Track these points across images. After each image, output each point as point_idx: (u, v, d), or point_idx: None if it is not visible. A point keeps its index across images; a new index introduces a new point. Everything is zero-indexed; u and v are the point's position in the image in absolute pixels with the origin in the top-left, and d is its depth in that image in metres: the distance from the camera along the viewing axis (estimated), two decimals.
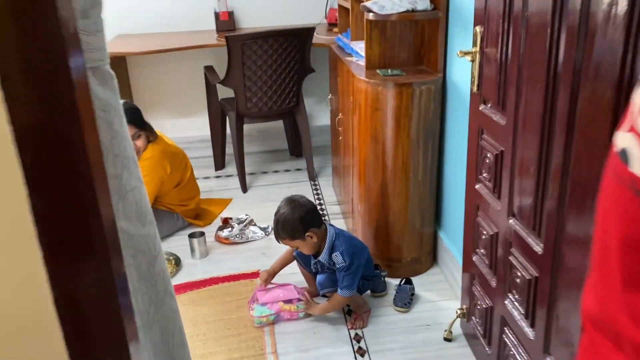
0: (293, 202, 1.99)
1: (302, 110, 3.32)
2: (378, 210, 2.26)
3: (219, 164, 3.64)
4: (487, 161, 1.56)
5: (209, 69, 3.38)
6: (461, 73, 1.99)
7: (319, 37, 3.25)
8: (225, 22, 3.59)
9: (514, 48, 1.35)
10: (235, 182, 3.41)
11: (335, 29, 3.40)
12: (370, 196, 2.27)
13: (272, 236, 2.73)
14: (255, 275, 2.39)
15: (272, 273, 2.19)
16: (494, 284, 1.60)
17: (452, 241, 2.26)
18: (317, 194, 3.23)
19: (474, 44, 1.57)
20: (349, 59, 2.53)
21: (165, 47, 3.20)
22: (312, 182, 3.40)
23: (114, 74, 0.98)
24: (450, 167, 2.21)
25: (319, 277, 2.11)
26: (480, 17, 1.54)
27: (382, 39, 2.23)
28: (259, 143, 4.00)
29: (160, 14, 3.65)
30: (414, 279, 2.29)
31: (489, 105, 1.55)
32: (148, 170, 2.56)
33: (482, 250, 1.68)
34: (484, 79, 1.54)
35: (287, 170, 3.60)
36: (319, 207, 3.03)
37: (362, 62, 2.36)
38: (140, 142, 2.52)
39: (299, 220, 1.95)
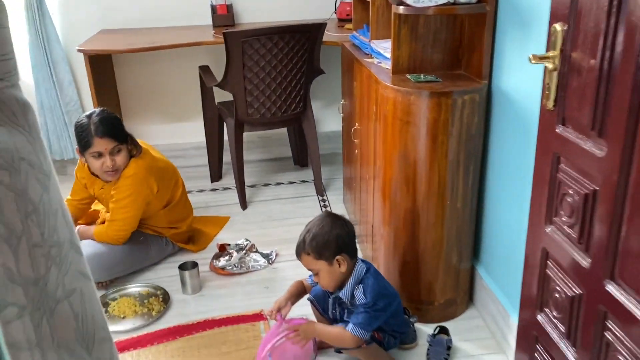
0: (336, 218, 1.65)
1: (310, 117, 2.94)
2: (406, 241, 1.89)
3: (216, 174, 3.26)
4: (569, 200, 1.19)
5: (204, 70, 2.99)
6: (518, 81, 1.61)
7: (329, 35, 2.87)
8: (223, 17, 3.19)
9: (627, 55, 0.97)
10: (233, 196, 3.03)
11: (348, 25, 3.01)
12: (396, 223, 1.89)
13: (277, 265, 2.37)
14: (257, 317, 2.01)
15: (286, 305, 1.75)
16: (573, 358, 1.23)
17: (494, 280, 1.88)
18: None
19: (551, 47, 1.19)
20: (368, 60, 2.15)
21: (156, 44, 2.81)
22: (320, 197, 3.02)
23: (28, 103, 0.59)
24: (493, 194, 1.84)
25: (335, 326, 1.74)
26: (562, 12, 1.16)
27: (412, 38, 1.85)
28: (259, 150, 3.61)
29: (150, 7, 3.25)
30: (448, 324, 1.92)
31: (572, 127, 1.17)
32: (130, 190, 2.17)
33: (553, 312, 1.30)
34: (567, 92, 1.16)
35: (291, 183, 3.22)
36: None
37: (387, 65, 1.98)
38: (120, 159, 2.13)
39: (335, 237, 1.59)
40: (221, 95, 3.17)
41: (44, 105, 3.20)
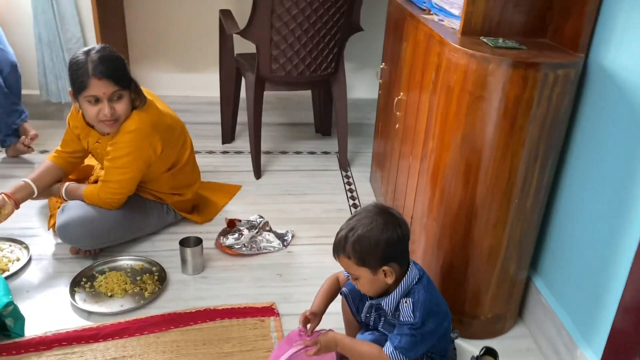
0: (389, 216, 1.30)
1: (341, 80, 2.57)
2: (456, 240, 1.56)
3: (228, 135, 2.92)
4: None
5: (225, 14, 2.61)
6: (632, 57, 1.25)
7: None
8: None
9: None
10: (246, 161, 2.69)
11: None
12: (446, 218, 1.56)
13: (292, 248, 2.05)
14: (268, 311, 1.70)
15: (318, 314, 1.45)
16: None
17: (558, 299, 1.56)
18: (350, 190, 2.52)
19: None
20: (426, 16, 1.78)
21: None
22: (344, 172, 2.68)
23: None
24: (572, 197, 1.50)
25: (366, 335, 1.43)
26: None
27: None
28: (277, 112, 3.25)
29: None
30: (493, 342, 1.61)
31: None
32: (130, 148, 1.83)
33: None
34: None
35: (311, 153, 2.88)
36: (353, 209, 2.33)
37: (452, 24, 1.61)
38: (120, 107, 1.78)
39: (384, 243, 1.26)
40: (242, 46, 2.79)
41: (42, 40, 2.83)
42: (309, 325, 1.38)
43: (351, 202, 2.41)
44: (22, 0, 2.82)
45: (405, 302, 1.30)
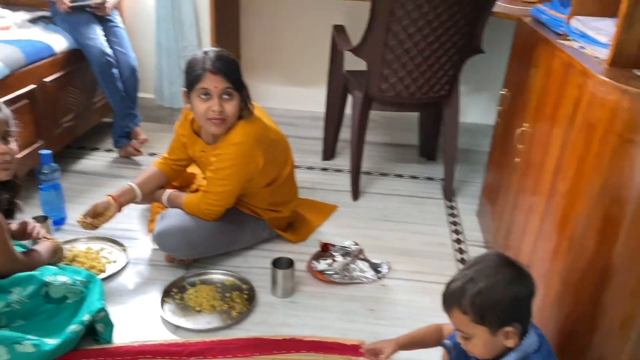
0: (515, 269, 1.14)
1: (454, 103, 2.41)
2: (582, 303, 1.34)
3: (329, 152, 2.84)
4: None
5: (338, 30, 2.54)
6: None
7: (500, 6, 2.29)
8: None
9: None
10: (344, 180, 2.60)
11: None
12: (571, 275, 1.35)
13: (387, 282, 1.91)
14: (354, 350, 1.57)
15: (396, 347, 1.35)
16: None
17: None
18: (454, 222, 2.34)
19: None
20: (564, 42, 1.58)
21: None
22: (448, 202, 2.50)
23: None
24: None
25: None
26: None
27: None
28: (381, 132, 3.14)
29: None
30: None
31: None
32: (233, 161, 1.80)
33: None
34: None
35: (413, 177, 2.72)
36: (456, 244, 2.15)
37: (598, 53, 1.40)
38: (229, 107, 1.75)
39: (511, 300, 1.10)
40: (352, 63, 2.72)
41: (161, 45, 2.94)
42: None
43: (454, 236, 2.23)
44: (148, 8, 2.96)
45: None
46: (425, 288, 1.89)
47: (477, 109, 3.04)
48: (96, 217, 1.85)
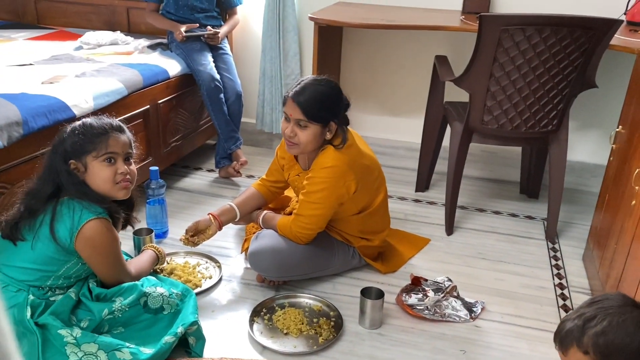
0: None
1: (563, 139, 2.27)
2: None
3: (423, 183, 2.79)
4: None
5: (440, 60, 2.51)
6: None
7: (618, 39, 2.15)
8: (477, 2, 2.66)
9: None
10: (438, 214, 2.53)
11: None
12: None
13: (480, 323, 1.81)
14: None
15: None
16: None
17: None
18: (557, 266, 2.18)
19: None
20: None
21: (392, 23, 2.41)
22: (551, 244, 2.34)
23: None
24: None
25: None
26: None
27: None
28: (480, 165, 3.03)
29: None
30: None
31: None
32: (325, 185, 1.81)
33: None
34: None
35: (513, 215, 2.59)
36: (558, 289, 2.00)
37: None
38: (303, 135, 1.80)
39: (638, 348, 1.01)
40: (452, 94, 2.67)
41: (265, 74, 3.06)
42: None
43: (557, 280, 2.08)
44: (255, 37, 3.10)
45: None
46: (522, 333, 1.77)
47: (585, 147, 2.85)
48: (197, 234, 1.94)
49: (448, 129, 2.49)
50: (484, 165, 3.02)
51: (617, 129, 1.97)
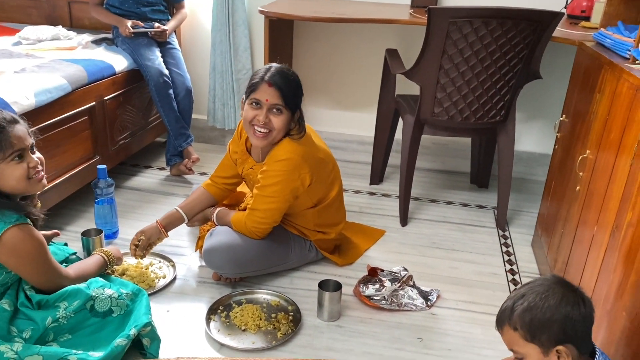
0: (569, 289, 1.09)
1: (510, 129, 2.34)
2: None
3: (377, 176, 2.81)
4: None
5: (391, 54, 2.53)
6: None
7: (559, 31, 2.23)
8: None
9: None
10: (392, 206, 2.56)
11: (585, 23, 2.36)
12: (637, 312, 1.26)
13: (436, 311, 1.84)
14: None
15: None
16: None
17: None
18: (507, 252, 2.24)
19: None
20: (632, 66, 1.51)
21: (343, 16, 2.42)
22: (501, 231, 2.41)
23: None
24: None
25: None
26: None
27: None
28: (431, 158, 3.08)
29: None
30: None
31: None
32: (279, 178, 1.79)
33: None
34: None
35: (464, 205, 2.65)
36: (510, 275, 2.06)
37: None
38: (277, 121, 1.76)
39: (562, 318, 1.05)
40: (404, 87, 2.71)
41: (215, 69, 3.01)
42: None
43: (508, 266, 2.14)
44: (204, 31, 3.04)
45: None
46: (477, 319, 1.81)
47: (531, 137, 2.95)
48: (150, 246, 1.90)
49: (400, 122, 2.52)
50: (435, 157, 3.08)
51: (561, 118, 2.04)
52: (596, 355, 1.09)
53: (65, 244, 1.85)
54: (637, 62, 1.53)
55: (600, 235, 1.48)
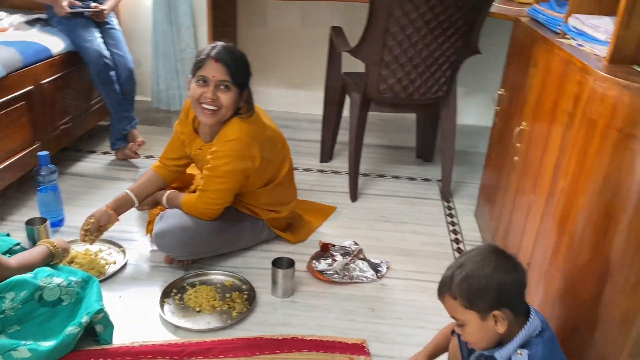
0: (503, 257, 1.16)
1: (452, 104, 2.42)
2: (583, 300, 1.34)
3: (326, 154, 2.85)
4: None
5: (336, 32, 2.55)
6: None
7: (496, 7, 2.30)
8: None
9: None
10: (342, 182, 2.60)
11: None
12: (573, 272, 1.36)
13: (386, 281, 1.91)
14: (357, 349, 1.57)
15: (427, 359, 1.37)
16: None
17: None
18: (452, 222, 2.34)
19: None
20: (562, 40, 1.59)
21: None
22: (446, 203, 2.50)
23: None
24: None
25: None
26: None
27: None
28: (378, 134, 3.14)
29: None
30: None
31: None
32: (229, 158, 1.79)
33: None
34: None
35: (411, 179, 2.73)
36: (454, 244, 2.15)
37: (598, 50, 1.42)
38: (224, 98, 1.75)
39: (497, 284, 1.11)
40: (350, 65, 2.73)
41: (158, 50, 2.94)
42: None
43: (453, 236, 2.23)
44: (145, 10, 2.96)
45: (520, 353, 1.12)
46: (425, 287, 1.89)
47: (473, 111, 3.06)
48: (100, 230, 1.86)
49: (348, 100, 2.55)
50: (382, 133, 3.14)
51: (500, 92, 2.13)
52: (530, 315, 1.16)
53: (8, 235, 1.79)
54: (567, 37, 1.62)
55: (537, 203, 1.58)
